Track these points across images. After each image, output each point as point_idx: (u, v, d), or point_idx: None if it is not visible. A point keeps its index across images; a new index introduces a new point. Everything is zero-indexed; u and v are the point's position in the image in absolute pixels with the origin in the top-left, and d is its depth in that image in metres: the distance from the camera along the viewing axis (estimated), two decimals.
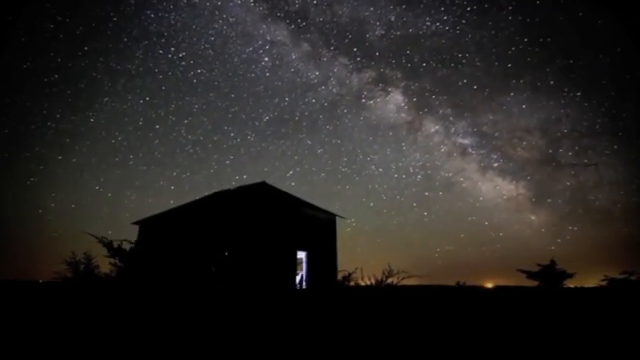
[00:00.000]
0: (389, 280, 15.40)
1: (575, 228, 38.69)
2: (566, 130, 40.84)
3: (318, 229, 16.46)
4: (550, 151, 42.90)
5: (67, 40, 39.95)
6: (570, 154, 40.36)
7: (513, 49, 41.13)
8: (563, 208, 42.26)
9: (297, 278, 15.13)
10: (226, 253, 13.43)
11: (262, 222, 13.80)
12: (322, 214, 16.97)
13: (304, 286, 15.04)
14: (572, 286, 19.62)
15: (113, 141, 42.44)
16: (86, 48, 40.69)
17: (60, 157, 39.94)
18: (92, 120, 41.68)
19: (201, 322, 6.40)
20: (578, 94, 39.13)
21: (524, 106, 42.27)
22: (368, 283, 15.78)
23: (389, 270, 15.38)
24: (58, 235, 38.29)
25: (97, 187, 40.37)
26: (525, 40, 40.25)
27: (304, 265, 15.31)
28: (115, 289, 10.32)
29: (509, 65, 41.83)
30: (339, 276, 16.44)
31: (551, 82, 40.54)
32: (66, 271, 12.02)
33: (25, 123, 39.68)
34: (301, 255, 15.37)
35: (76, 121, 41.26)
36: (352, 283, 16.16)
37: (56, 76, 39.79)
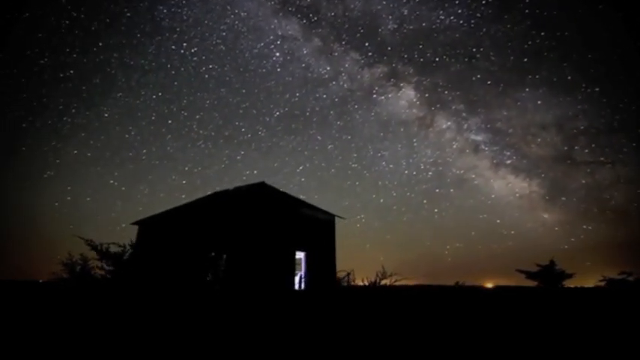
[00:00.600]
0: (382, 282, 15.36)
1: (590, 227, 37.62)
2: (582, 127, 39.37)
3: (316, 229, 16.36)
4: (565, 149, 41.23)
5: (82, 36, 39.88)
6: (586, 151, 38.88)
7: (530, 43, 39.60)
8: (578, 206, 41.01)
9: (296, 279, 15.03)
10: (225, 254, 13.32)
11: (261, 222, 13.69)
12: (321, 214, 16.87)
13: (303, 287, 14.95)
14: (571, 286, 19.61)
15: (127, 136, 42.30)
16: (100, 44, 40.57)
17: (75, 152, 39.81)
18: (106, 115, 41.56)
19: (198, 323, 6.29)
20: (597, 89, 37.49)
21: (539, 102, 40.57)
22: (361, 284, 15.72)
23: (382, 272, 15.35)
24: (74, 227, 38.30)
25: (112, 181, 40.28)
26: (542, 34, 38.75)
27: (303, 266, 15.21)
28: (106, 292, 10.16)
29: (525, 60, 40.29)
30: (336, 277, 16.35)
31: (569, 78, 38.86)
32: (62, 271, 11.86)
33: (42, 118, 39.60)
34: (300, 255, 15.27)
35: (90, 115, 41.16)
36: (346, 284, 16.08)
37: (72, 71, 39.74)
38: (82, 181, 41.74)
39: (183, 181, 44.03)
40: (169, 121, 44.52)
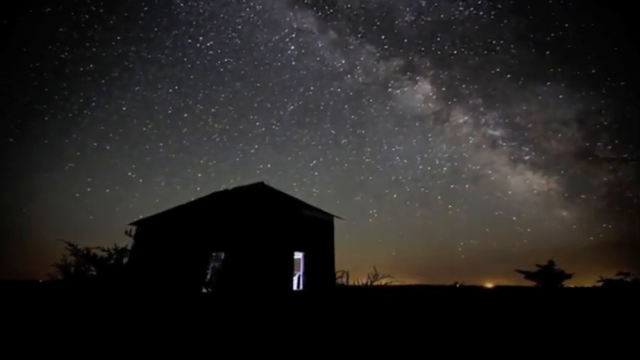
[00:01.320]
0: (375, 284, 15.38)
1: (610, 226, 36.46)
2: (605, 123, 37.18)
3: (315, 229, 16.24)
4: (587, 145, 38.95)
5: (101, 30, 39.97)
6: (609, 147, 36.85)
7: (552, 35, 37.31)
8: (598, 204, 38.80)
9: (295, 279, 14.91)
10: (223, 254, 13.19)
11: (260, 223, 13.54)
12: (320, 214, 16.76)
13: (301, 287, 14.85)
14: (568, 287, 19.51)
15: (144, 129, 42.31)
16: (119, 38, 40.58)
17: (95, 144, 40.00)
18: (124, 108, 41.58)
19: (193, 326, 6.14)
20: (622, 83, 35.35)
21: (561, 97, 38.56)
22: (349, 284, 15.70)
23: (374, 274, 15.34)
24: (94, 218, 38.45)
25: (130, 173, 40.38)
26: (566, 25, 36.57)
27: (301, 266, 15.10)
28: (89, 296, 9.97)
29: (547, 52, 38.19)
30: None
31: (593, 71, 36.58)
32: (57, 273, 11.72)
33: (63, 111, 39.83)
34: (298, 256, 15.16)
35: (109, 109, 41.20)
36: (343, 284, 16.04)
37: (91, 65, 39.80)
38: (101, 173, 41.97)
39: (199, 174, 44.07)
40: (185, 115, 44.52)
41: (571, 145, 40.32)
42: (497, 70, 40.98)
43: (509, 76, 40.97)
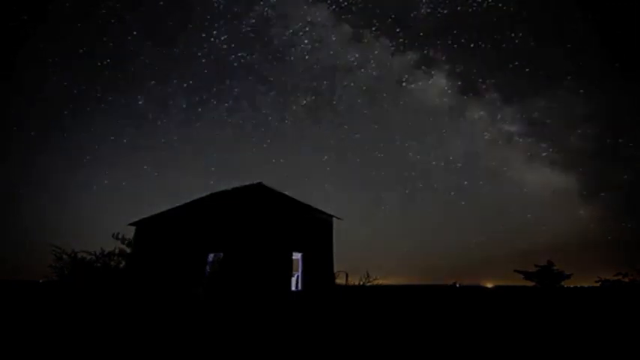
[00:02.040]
0: (369, 284, 15.48)
1: (629, 225, 35.46)
2: (628, 119, 37.17)
3: (314, 230, 16.18)
4: (608, 141, 38.19)
5: (118, 25, 39.72)
6: (631, 144, 36.69)
7: (574, 27, 35.96)
8: (618, 203, 37.89)
9: (293, 279, 14.84)
10: (222, 255, 13.08)
11: (258, 223, 13.44)
12: (319, 214, 16.69)
13: (299, 288, 14.79)
14: (570, 286, 19.51)
15: (159, 123, 42.02)
16: (135, 32, 40.33)
17: (112, 138, 40.02)
18: (140, 102, 41.42)
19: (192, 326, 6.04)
20: None
21: (582, 91, 37.40)
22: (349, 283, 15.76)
23: (367, 276, 15.44)
24: (110, 209, 38.35)
25: (145, 167, 40.34)
26: (589, 16, 34.56)
27: (300, 267, 15.04)
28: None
29: (568, 45, 36.45)
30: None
31: (617, 65, 35.17)
32: (52, 274, 11.54)
33: (81, 104, 39.63)
34: (297, 256, 15.08)
35: (125, 103, 41.06)
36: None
37: (108, 60, 39.54)
38: (118, 166, 41.99)
39: (212, 168, 44.14)
40: (199, 109, 44.34)
41: (591, 141, 39.17)
42: (516, 63, 39.55)
43: (527, 69, 39.44)
